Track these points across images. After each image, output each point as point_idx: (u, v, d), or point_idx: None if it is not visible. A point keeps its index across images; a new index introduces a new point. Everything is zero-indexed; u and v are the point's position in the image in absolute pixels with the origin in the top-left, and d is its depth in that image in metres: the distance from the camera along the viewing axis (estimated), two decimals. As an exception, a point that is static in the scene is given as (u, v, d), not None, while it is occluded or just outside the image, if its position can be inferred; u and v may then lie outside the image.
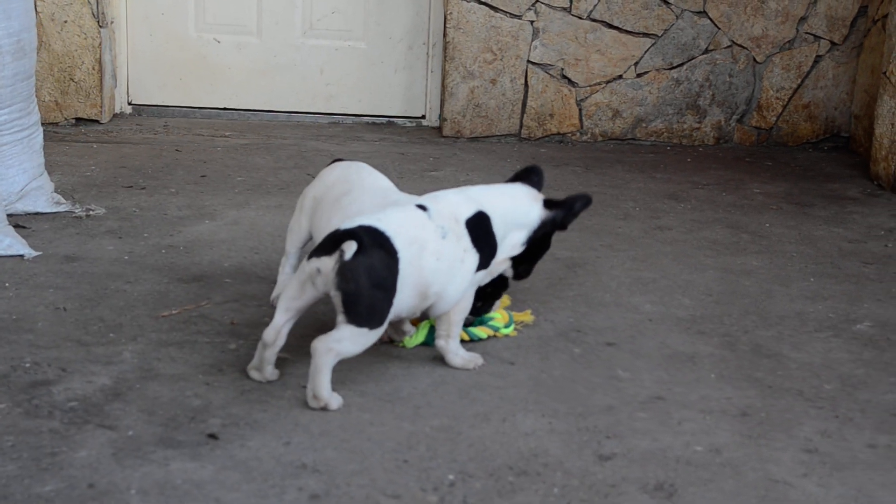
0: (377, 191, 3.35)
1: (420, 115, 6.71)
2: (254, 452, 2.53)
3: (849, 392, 3.06)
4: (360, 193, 3.33)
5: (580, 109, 6.44)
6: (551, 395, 2.94)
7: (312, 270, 2.78)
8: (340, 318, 2.76)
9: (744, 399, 2.98)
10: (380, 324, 2.80)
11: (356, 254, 2.72)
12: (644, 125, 6.48)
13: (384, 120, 6.70)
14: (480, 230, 3.03)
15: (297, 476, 2.43)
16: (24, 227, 4.17)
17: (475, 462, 2.55)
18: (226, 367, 3.02)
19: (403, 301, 2.86)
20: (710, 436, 2.75)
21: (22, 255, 3.85)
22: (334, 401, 2.78)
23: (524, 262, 3.21)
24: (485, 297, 3.24)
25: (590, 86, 6.43)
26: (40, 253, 3.88)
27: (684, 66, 6.48)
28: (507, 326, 3.34)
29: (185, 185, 4.98)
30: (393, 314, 2.84)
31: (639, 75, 6.45)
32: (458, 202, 3.05)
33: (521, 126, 6.41)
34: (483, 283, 3.15)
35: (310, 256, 2.80)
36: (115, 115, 6.46)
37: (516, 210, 3.12)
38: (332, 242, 2.76)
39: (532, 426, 2.75)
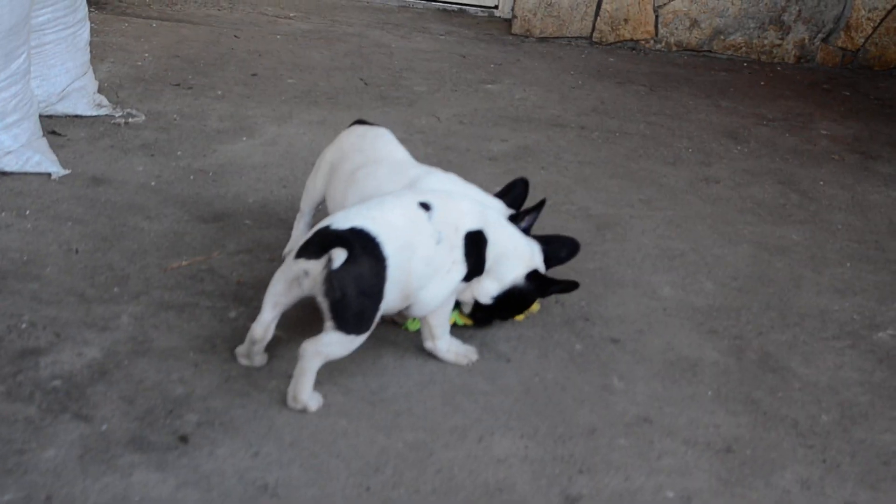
0: (394, 165, 3.28)
1: (493, 6, 6.52)
2: (219, 464, 2.55)
3: (845, 427, 2.97)
4: (375, 167, 3.26)
5: (657, 16, 6.20)
6: (536, 408, 2.91)
7: (299, 272, 2.74)
8: (328, 323, 2.74)
9: (733, 429, 2.91)
10: (367, 329, 2.78)
11: (345, 262, 2.68)
12: (722, 38, 6.23)
13: (455, 7, 6.53)
14: (475, 247, 2.97)
15: (254, 501, 2.45)
16: (59, 135, 4.17)
17: (437, 495, 2.54)
18: (219, 341, 3.02)
19: (388, 303, 2.83)
20: (686, 478, 2.70)
21: (49, 174, 3.86)
22: (314, 402, 2.78)
23: (486, 312, 3.14)
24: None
25: (669, -8, 6.17)
26: (68, 172, 3.89)
27: (772, -22, 6.18)
28: None
29: (233, 87, 4.92)
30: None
31: (723, -16, 6.17)
32: (467, 212, 2.97)
33: (592, 29, 6.20)
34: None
35: (297, 254, 2.76)
36: (183, -17, 6.37)
37: (507, 258, 3.05)
38: (321, 245, 2.71)
39: (507, 450, 2.73)
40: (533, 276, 3.09)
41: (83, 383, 2.78)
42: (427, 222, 2.89)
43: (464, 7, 6.51)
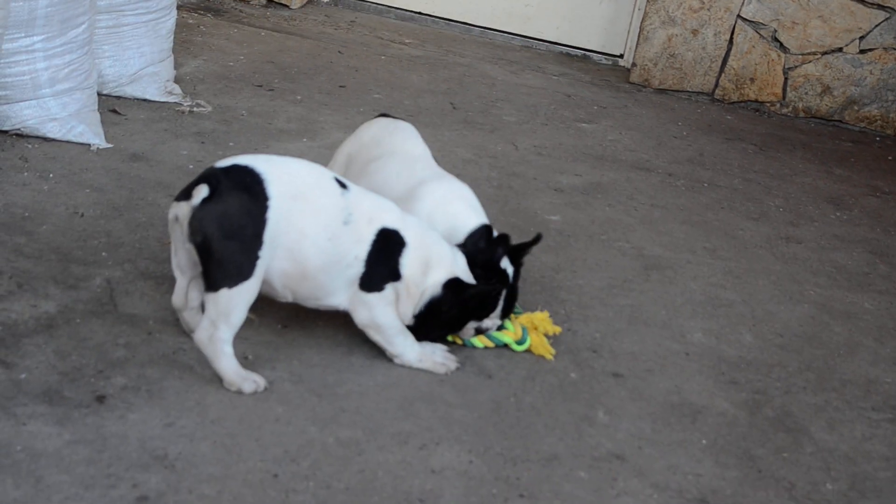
0: (408, 160, 3.11)
1: (618, 54, 6.30)
2: (126, 428, 2.38)
3: (850, 500, 2.61)
4: (387, 161, 3.10)
5: (786, 79, 5.86)
6: (499, 428, 2.64)
7: (171, 218, 2.55)
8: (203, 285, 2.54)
9: (716, 480, 2.59)
10: (239, 279, 2.49)
11: (207, 199, 2.46)
12: (856, 108, 5.84)
13: (579, 52, 6.32)
14: (386, 250, 2.68)
15: (145, 468, 2.26)
16: (118, 114, 4.13)
17: (348, 494, 2.31)
18: (187, 316, 2.86)
19: (277, 264, 2.57)
20: (639, 521, 2.40)
21: (89, 145, 3.80)
22: (248, 384, 2.58)
23: (415, 332, 2.82)
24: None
25: (802, 54, 5.83)
26: (110, 146, 3.82)
27: (917, 51, 5.77)
28: (519, 343, 3.00)
29: (314, 94, 4.82)
30: (262, 272, 2.53)
31: (862, 51, 5.79)
32: (388, 210, 2.72)
33: (715, 86, 5.90)
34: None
35: (175, 199, 2.56)
36: (309, 2, 6.35)
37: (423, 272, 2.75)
38: (194, 183, 2.51)
39: (447, 462, 2.47)
40: (450, 283, 2.76)
41: (23, 333, 2.66)
42: (338, 195, 2.64)
43: (588, 53, 6.29)
